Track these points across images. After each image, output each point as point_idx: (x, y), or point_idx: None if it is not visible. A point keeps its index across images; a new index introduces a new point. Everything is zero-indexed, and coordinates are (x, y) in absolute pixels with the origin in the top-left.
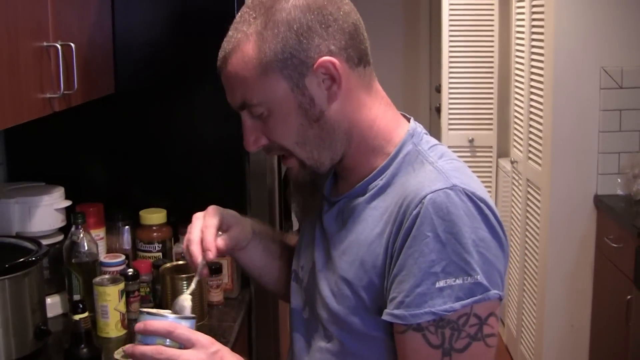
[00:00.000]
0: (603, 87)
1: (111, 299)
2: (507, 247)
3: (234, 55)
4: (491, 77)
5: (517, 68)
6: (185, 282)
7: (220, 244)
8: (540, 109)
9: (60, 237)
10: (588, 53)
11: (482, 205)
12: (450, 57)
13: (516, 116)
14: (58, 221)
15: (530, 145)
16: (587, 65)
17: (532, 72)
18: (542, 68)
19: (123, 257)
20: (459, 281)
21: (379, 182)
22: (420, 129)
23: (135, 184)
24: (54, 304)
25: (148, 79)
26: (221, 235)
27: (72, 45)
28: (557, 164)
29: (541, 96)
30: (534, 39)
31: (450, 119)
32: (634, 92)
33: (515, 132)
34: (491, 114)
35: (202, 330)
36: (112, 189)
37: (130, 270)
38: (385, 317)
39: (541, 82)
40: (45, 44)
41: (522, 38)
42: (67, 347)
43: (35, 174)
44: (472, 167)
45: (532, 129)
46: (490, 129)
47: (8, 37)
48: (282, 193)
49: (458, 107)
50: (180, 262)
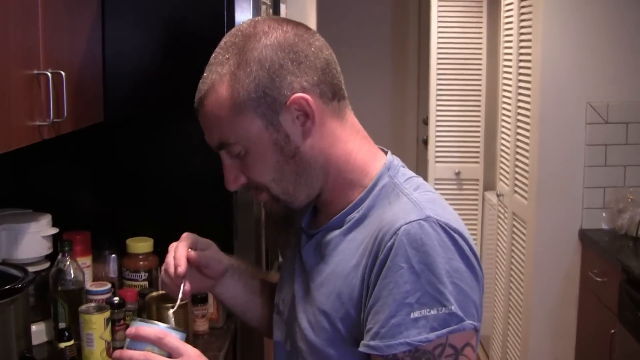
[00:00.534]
0: (589, 122)
1: (97, 327)
2: (482, 278)
3: (209, 96)
4: (478, 111)
5: (504, 102)
6: (171, 311)
7: (191, 254)
8: (527, 143)
9: (47, 265)
10: (574, 88)
11: (456, 236)
12: (438, 89)
13: (503, 150)
14: (45, 248)
15: (516, 178)
16: (573, 100)
17: (519, 106)
18: (528, 102)
19: (109, 286)
20: (433, 312)
21: (356, 214)
22: (397, 162)
23: (122, 212)
24: (39, 332)
25: (137, 107)
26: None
27: (63, 73)
28: (542, 197)
29: (528, 130)
30: (521, 73)
31: (437, 151)
32: (619, 127)
33: (502, 165)
34: (478, 147)
35: None
36: (99, 217)
37: (116, 299)
38: (361, 348)
39: (528, 116)
40: (35, 71)
41: (510, 72)
42: None
43: (23, 201)
44: (458, 200)
45: (518, 163)
46: (477, 162)
47: None
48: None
49: (445, 139)
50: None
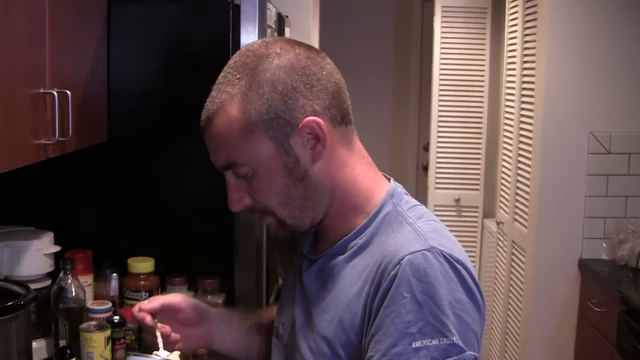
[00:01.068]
0: (591, 152)
1: (97, 346)
2: (484, 309)
3: (218, 116)
4: (479, 138)
5: (506, 129)
6: None
7: (151, 304)
8: (528, 171)
9: (48, 282)
10: (577, 117)
11: (459, 267)
12: (440, 116)
13: (503, 177)
14: (47, 266)
15: (516, 206)
16: (576, 130)
17: (521, 134)
18: (530, 130)
19: (110, 304)
20: (435, 342)
21: (359, 241)
22: (400, 189)
23: (124, 232)
24: (39, 349)
25: (140, 128)
26: None
27: (68, 92)
28: (542, 226)
29: (529, 158)
30: (523, 102)
31: (437, 177)
32: (621, 158)
33: (502, 193)
34: (478, 174)
35: None
36: (101, 236)
37: (117, 318)
38: None
39: (529, 144)
40: (42, 90)
41: (512, 100)
42: None
43: (25, 219)
44: (457, 226)
45: (519, 191)
46: (477, 189)
47: (6, 82)
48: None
49: (445, 166)
50: None
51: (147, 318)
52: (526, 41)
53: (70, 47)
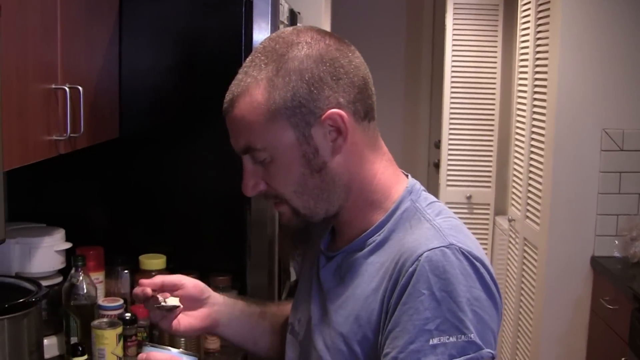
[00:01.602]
0: (604, 149)
1: (109, 343)
2: (501, 307)
3: (242, 98)
4: (491, 135)
5: (518, 127)
6: None
7: (152, 280)
8: (540, 169)
9: (60, 279)
10: (589, 115)
11: (478, 264)
12: (451, 113)
13: (515, 175)
14: (58, 263)
15: (528, 204)
16: (588, 127)
17: (533, 131)
18: (543, 128)
19: (121, 301)
20: (452, 339)
21: (377, 237)
22: (418, 185)
23: (136, 229)
24: (51, 346)
25: (152, 124)
26: None
27: (80, 88)
28: (555, 223)
29: (541, 156)
30: (535, 99)
31: (448, 175)
32: (634, 155)
33: (514, 190)
34: (490, 171)
35: None
36: (113, 233)
37: (128, 315)
38: None
39: (542, 141)
40: (53, 86)
41: (524, 97)
42: None
43: (37, 215)
44: (469, 224)
45: (531, 188)
46: (489, 187)
47: (17, 78)
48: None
49: (457, 163)
50: None
51: (147, 289)
52: (538, 38)
53: (82, 43)
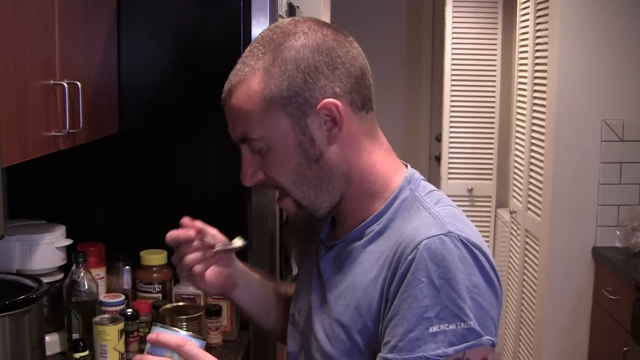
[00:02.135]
0: (604, 140)
1: (110, 339)
2: (501, 294)
3: (239, 88)
4: (492, 127)
5: (519, 118)
6: (185, 323)
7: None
8: (541, 160)
9: (61, 276)
10: (590, 106)
11: (476, 252)
12: (452, 106)
13: (516, 167)
14: (59, 260)
15: (529, 195)
16: (589, 118)
17: (534, 123)
18: (543, 119)
19: (123, 297)
20: (452, 327)
21: (376, 226)
22: (417, 175)
23: (137, 224)
24: (52, 342)
25: (152, 120)
26: None
27: (79, 84)
28: (556, 215)
29: (542, 147)
30: (535, 90)
31: (449, 168)
32: (634, 145)
33: (515, 182)
34: (491, 164)
35: None
36: (113, 229)
37: (130, 311)
38: None
39: (542, 133)
40: (52, 82)
41: (524, 89)
42: None
43: (37, 212)
44: (470, 216)
45: (532, 180)
46: (490, 179)
47: (16, 74)
48: (283, 238)
49: (458, 156)
50: (180, 304)
51: (191, 231)
52: (538, 30)
53: (80, 39)
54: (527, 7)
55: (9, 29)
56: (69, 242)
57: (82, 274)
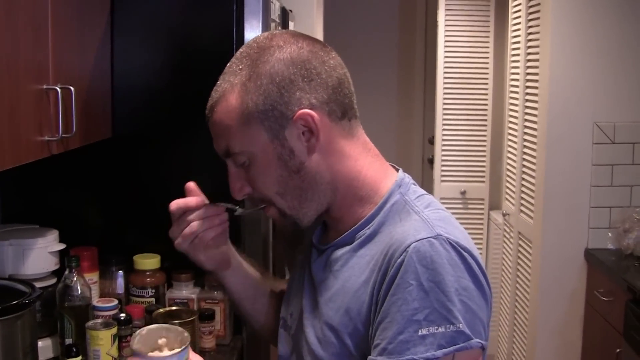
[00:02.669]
0: (595, 142)
1: (104, 344)
2: (490, 297)
3: (219, 104)
4: (484, 130)
5: (511, 121)
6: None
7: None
8: (533, 163)
9: (54, 280)
10: (581, 108)
11: (465, 254)
12: (445, 109)
13: (509, 169)
14: (51, 264)
15: (522, 198)
16: (580, 120)
17: (526, 126)
18: (535, 122)
19: (116, 302)
20: (441, 329)
21: (366, 231)
22: (408, 179)
23: (130, 229)
24: (45, 347)
25: (145, 124)
26: None
27: (72, 88)
28: (548, 217)
29: (534, 150)
30: (527, 93)
31: (442, 170)
32: (626, 147)
33: (508, 185)
34: (484, 166)
35: None
36: (107, 234)
37: (123, 315)
38: None
39: (534, 135)
40: (45, 86)
41: (516, 92)
42: None
43: (30, 217)
44: (463, 219)
45: (524, 182)
46: (483, 182)
47: (9, 78)
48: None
49: (451, 159)
50: (174, 308)
51: (200, 197)
52: (530, 32)
53: (73, 43)
54: (519, 10)
55: (1, 34)
56: (62, 246)
57: (75, 279)
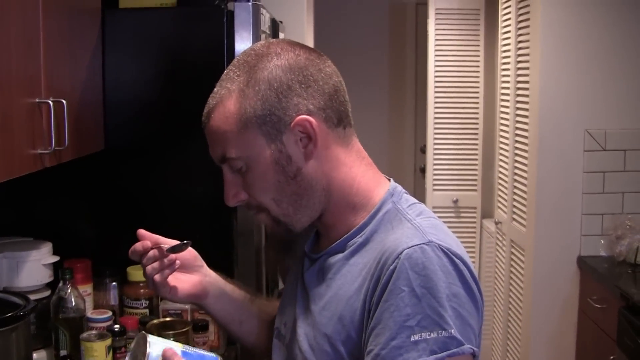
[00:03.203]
0: (587, 150)
1: (98, 355)
2: (482, 305)
3: (216, 110)
4: (476, 139)
5: (502, 129)
6: (172, 338)
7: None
8: (525, 171)
9: (48, 293)
10: (572, 116)
11: (457, 261)
12: (436, 117)
13: (500, 177)
14: (46, 276)
15: (514, 206)
16: (571, 128)
17: (517, 134)
18: (526, 130)
19: (110, 313)
20: (433, 335)
21: (358, 239)
22: (400, 188)
23: (123, 240)
24: (40, 359)
25: (137, 136)
26: None
27: (64, 101)
28: (541, 225)
29: (526, 157)
30: (518, 101)
31: (434, 179)
32: (617, 155)
33: (500, 193)
34: (475, 175)
35: None
36: (100, 246)
37: (117, 326)
38: None
39: (526, 143)
40: (37, 100)
41: (507, 100)
42: None
43: (23, 229)
44: (456, 227)
45: (516, 190)
46: (475, 190)
47: (1, 92)
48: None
49: (443, 167)
50: (168, 319)
51: (147, 242)
52: (520, 41)
53: (65, 57)
54: (509, 19)
55: None
56: (56, 258)
57: (69, 291)
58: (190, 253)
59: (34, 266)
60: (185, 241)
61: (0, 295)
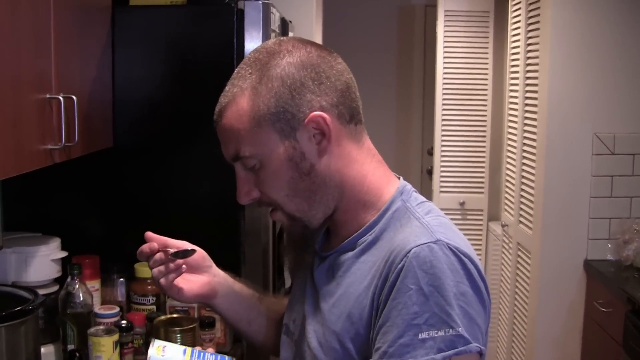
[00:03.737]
0: (595, 153)
1: (105, 350)
2: (489, 304)
3: (229, 108)
4: (483, 141)
5: (510, 132)
6: (179, 335)
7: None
8: (532, 174)
9: (56, 288)
10: (581, 119)
11: (465, 260)
12: (443, 120)
13: (508, 180)
14: (54, 272)
15: (521, 209)
16: (580, 131)
17: (525, 137)
18: (534, 132)
19: (117, 309)
20: (441, 333)
21: (368, 237)
22: (409, 187)
23: (131, 237)
24: (48, 354)
25: (146, 133)
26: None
27: (74, 97)
28: (547, 228)
29: (533, 160)
30: (527, 104)
31: (441, 181)
32: (625, 159)
33: (507, 195)
34: (483, 177)
35: None
36: (108, 242)
37: (124, 322)
38: None
39: (534, 146)
40: (48, 95)
41: (515, 103)
42: None
43: (32, 225)
44: (462, 230)
45: (523, 193)
46: (482, 193)
47: (12, 88)
48: (276, 251)
49: (450, 169)
50: (175, 315)
51: (154, 244)
52: (529, 44)
53: (75, 53)
54: (518, 21)
55: (5, 44)
56: (64, 254)
57: (77, 286)
58: (199, 253)
59: (43, 261)
60: (190, 248)
61: (9, 290)
